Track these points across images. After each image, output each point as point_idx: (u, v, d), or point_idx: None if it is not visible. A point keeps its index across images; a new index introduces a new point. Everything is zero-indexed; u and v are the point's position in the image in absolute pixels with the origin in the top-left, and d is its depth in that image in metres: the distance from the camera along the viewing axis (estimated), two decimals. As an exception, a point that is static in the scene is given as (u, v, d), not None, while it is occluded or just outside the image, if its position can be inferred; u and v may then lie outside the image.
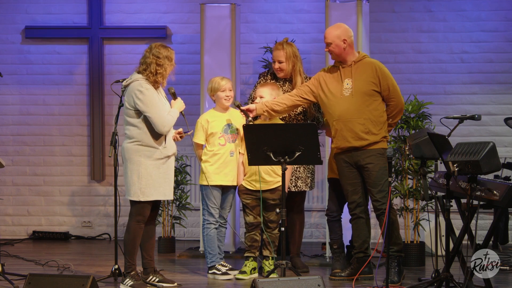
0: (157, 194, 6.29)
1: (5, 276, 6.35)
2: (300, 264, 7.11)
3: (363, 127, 6.51)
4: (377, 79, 6.53)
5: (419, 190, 7.43)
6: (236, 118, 6.98)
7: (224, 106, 6.99)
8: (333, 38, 6.62)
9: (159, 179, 6.27)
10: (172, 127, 6.33)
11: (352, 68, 6.61)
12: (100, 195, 9.44)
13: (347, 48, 6.60)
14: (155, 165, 6.26)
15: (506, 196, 5.47)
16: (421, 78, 8.98)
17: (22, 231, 9.47)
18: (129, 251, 6.30)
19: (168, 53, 6.31)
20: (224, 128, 6.92)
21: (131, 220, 6.30)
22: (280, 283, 5.38)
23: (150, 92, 6.22)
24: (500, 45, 9.05)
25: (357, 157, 6.55)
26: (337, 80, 6.64)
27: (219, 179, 6.87)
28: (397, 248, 6.57)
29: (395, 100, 6.57)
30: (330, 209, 6.99)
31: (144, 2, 9.40)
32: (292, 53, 7.02)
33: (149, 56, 6.29)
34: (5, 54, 9.47)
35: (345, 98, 6.57)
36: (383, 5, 9.12)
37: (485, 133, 9.00)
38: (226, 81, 7.00)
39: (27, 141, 9.49)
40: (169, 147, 6.33)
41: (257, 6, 9.29)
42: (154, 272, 6.45)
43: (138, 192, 6.23)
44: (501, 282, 6.61)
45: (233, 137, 6.90)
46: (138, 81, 6.25)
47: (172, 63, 6.34)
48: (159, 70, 6.26)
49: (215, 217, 6.88)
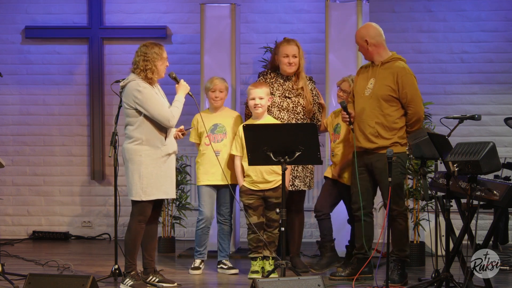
0: (159, 193, 6.28)
1: (5, 276, 6.35)
2: (300, 264, 7.11)
3: (372, 130, 6.47)
4: (396, 85, 6.43)
5: (419, 190, 7.42)
6: (225, 118, 7.02)
7: (213, 106, 7.06)
8: (357, 39, 6.61)
9: (160, 178, 6.27)
10: (178, 117, 6.29)
11: (378, 68, 6.54)
12: (100, 195, 9.44)
13: (371, 48, 6.53)
14: (156, 164, 6.25)
15: (506, 196, 5.47)
16: (421, 78, 8.95)
17: (22, 231, 9.47)
18: (129, 250, 6.29)
19: (156, 49, 6.26)
20: (211, 128, 6.98)
21: (132, 219, 6.30)
22: (280, 283, 5.38)
23: (148, 90, 6.22)
24: (500, 45, 9.05)
25: (368, 160, 6.54)
26: (365, 78, 6.60)
27: (207, 178, 6.96)
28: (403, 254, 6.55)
29: (412, 109, 6.44)
30: (316, 208, 7.02)
31: (144, 2, 9.40)
32: (302, 50, 7.04)
33: (137, 54, 6.30)
34: (5, 54, 9.47)
35: (364, 97, 6.53)
36: (383, 5, 9.12)
37: (485, 133, 9.01)
38: (219, 81, 7.05)
39: (27, 141, 9.49)
40: (170, 145, 6.32)
41: (257, 6, 9.29)
42: (154, 272, 6.45)
43: (140, 192, 6.23)
44: (501, 282, 6.61)
45: (220, 137, 6.96)
46: (135, 81, 6.25)
47: (161, 57, 6.27)
48: (148, 66, 6.23)
49: (204, 215, 7.03)
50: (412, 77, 6.49)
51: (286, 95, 7.08)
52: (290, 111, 7.05)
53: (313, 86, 7.21)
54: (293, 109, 7.06)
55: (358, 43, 6.60)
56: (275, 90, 7.10)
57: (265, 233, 6.89)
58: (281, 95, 7.08)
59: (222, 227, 7.11)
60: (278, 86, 7.11)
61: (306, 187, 7.10)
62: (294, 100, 7.07)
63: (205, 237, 7.11)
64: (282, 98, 7.08)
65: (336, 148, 7.05)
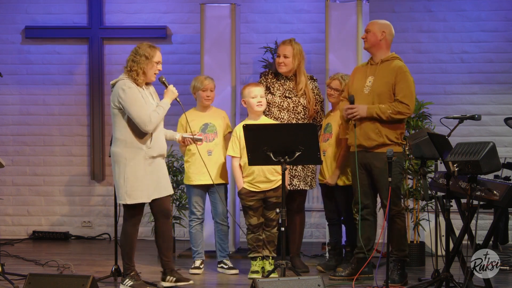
0: (143, 196, 6.20)
1: (5, 276, 6.35)
2: (300, 264, 7.11)
3: (373, 126, 6.48)
4: (395, 82, 6.45)
5: (419, 190, 7.42)
6: (215, 117, 7.04)
7: (204, 105, 7.07)
8: (373, 26, 6.57)
9: (145, 181, 6.18)
10: (158, 124, 6.17)
11: (377, 66, 6.55)
12: (100, 195, 9.44)
13: (382, 41, 6.53)
14: (140, 167, 6.16)
15: (506, 196, 5.48)
16: (421, 78, 8.97)
17: (22, 231, 9.47)
18: (126, 253, 6.27)
19: (147, 51, 6.18)
20: (201, 128, 6.99)
21: (125, 223, 6.28)
22: (280, 283, 5.38)
23: (132, 91, 6.15)
24: (500, 45, 9.05)
25: (366, 159, 6.53)
26: (363, 76, 6.60)
27: (198, 178, 6.97)
28: (402, 254, 6.55)
29: (404, 106, 6.41)
30: (327, 215, 7.13)
31: (144, 2, 9.40)
32: (299, 51, 7.05)
33: (130, 53, 6.28)
34: (5, 54, 9.47)
35: (363, 95, 6.53)
36: (383, 5, 9.12)
37: (485, 133, 9.00)
38: (210, 81, 7.07)
39: (27, 141, 9.49)
40: (155, 148, 6.21)
41: (257, 6, 9.28)
42: (172, 272, 6.39)
43: (125, 195, 6.17)
44: (501, 282, 6.61)
45: (211, 136, 6.97)
46: (122, 80, 6.21)
47: (151, 61, 6.17)
48: (134, 67, 6.18)
49: (197, 214, 7.08)
50: (410, 76, 6.51)
51: (286, 95, 7.08)
52: (290, 111, 7.05)
53: (315, 85, 7.21)
54: (293, 109, 7.06)
55: (372, 31, 6.55)
56: (275, 90, 7.10)
57: (264, 233, 6.89)
58: (281, 95, 7.09)
59: (220, 227, 7.10)
60: (279, 86, 7.12)
61: (307, 186, 7.09)
62: (295, 100, 7.08)
63: (199, 235, 7.13)
64: (282, 98, 7.08)
65: (329, 148, 7.03)
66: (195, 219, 7.11)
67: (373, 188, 6.61)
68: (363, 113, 6.43)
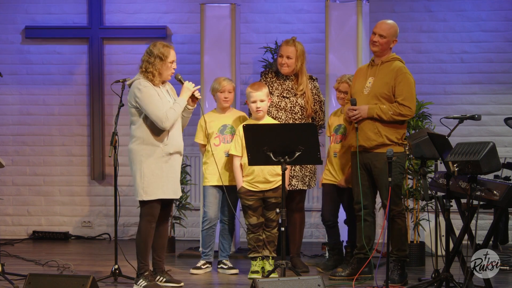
0: (160, 193, 6.25)
1: (5, 276, 6.35)
2: (300, 264, 7.11)
3: (372, 126, 6.48)
4: (394, 82, 6.45)
5: (419, 190, 7.42)
6: (233, 119, 7.03)
7: (222, 107, 7.04)
8: (389, 33, 6.52)
9: (162, 178, 6.24)
10: (174, 121, 6.23)
11: (378, 67, 6.55)
12: (100, 195, 9.44)
13: (392, 46, 6.56)
14: (157, 164, 6.23)
15: (506, 196, 5.47)
16: (421, 78, 8.97)
17: (22, 231, 9.47)
18: (141, 251, 6.26)
19: (162, 51, 6.22)
20: (220, 129, 6.98)
21: (141, 220, 6.29)
22: (280, 283, 5.38)
23: (147, 89, 6.20)
24: (500, 45, 9.05)
25: (367, 159, 6.53)
26: (363, 78, 6.60)
27: (215, 179, 6.93)
28: (402, 254, 6.56)
29: (406, 108, 6.41)
30: (325, 218, 7.08)
31: (144, 2, 9.40)
32: (302, 52, 7.05)
33: (144, 53, 6.30)
34: (5, 54, 9.47)
35: (363, 96, 6.53)
36: (383, 5, 9.12)
37: (485, 133, 9.00)
38: (228, 82, 7.05)
39: (27, 141, 9.49)
40: (171, 145, 6.28)
41: (257, 6, 9.29)
42: (162, 272, 6.43)
43: (142, 192, 6.22)
44: (501, 282, 6.61)
45: (229, 137, 6.97)
46: (137, 80, 6.27)
47: (165, 61, 6.23)
48: (149, 69, 6.22)
49: (209, 215, 7.03)
50: (410, 77, 6.50)
51: (284, 95, 7.08)
52: (287, 111, 7.06)
53: (314, 85, 7.21)
54: (290, 109, 7.06)
55: (388, 37, 6.52)
56: (274, 90, 7.11)
57: (264, 233, 6.90)
58: (279, 95, 7.09)
59: (225, 226, 7.11)
60: (278, 86, 7.12)
61: (305, 186, 7.09)
62: (292, 100, 7.08)
63: (210, 237, 7.09)
64: (280, 98, 7.08)
65: (341, 150, 7.02)
66: (207, 220, 7.06)
67: (373, 188, 6.61)
68: (365, 114, 6.44)
